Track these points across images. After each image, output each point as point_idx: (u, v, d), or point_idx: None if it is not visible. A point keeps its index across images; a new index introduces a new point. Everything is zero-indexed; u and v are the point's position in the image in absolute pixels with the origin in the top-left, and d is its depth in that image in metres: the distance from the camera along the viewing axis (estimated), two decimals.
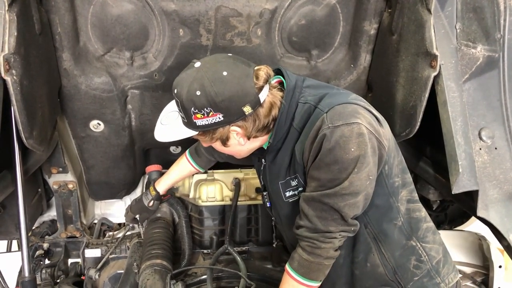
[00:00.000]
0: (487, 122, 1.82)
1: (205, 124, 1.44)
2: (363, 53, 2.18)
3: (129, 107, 2.25)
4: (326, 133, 1.36)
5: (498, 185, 1.77)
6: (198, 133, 1.50)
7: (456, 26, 1.80)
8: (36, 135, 1.75)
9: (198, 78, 1.41)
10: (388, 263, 1.59)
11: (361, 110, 1.42)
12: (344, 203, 1.40)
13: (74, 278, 2.33)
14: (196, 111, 1.41)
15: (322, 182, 1.41)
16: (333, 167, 1.37)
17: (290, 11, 2.07)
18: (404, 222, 1.58)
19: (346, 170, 1.37)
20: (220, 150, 1.61)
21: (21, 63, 1.57)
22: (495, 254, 2.50)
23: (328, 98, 1.46)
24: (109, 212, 2.70)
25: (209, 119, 1.42)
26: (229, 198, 2.23)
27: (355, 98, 1.49)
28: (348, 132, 1.35)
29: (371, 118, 1.43)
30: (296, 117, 1.50)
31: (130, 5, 1.97)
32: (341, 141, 1.34)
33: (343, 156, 1.35)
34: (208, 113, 1.41)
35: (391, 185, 1.53)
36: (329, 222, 1.43)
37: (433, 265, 1.63)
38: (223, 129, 1.47)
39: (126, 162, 2.45)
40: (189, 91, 1.40)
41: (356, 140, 1.35)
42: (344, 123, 1.36)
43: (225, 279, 2.06)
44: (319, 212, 1.43)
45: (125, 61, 2.11)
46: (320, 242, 1.46)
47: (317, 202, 1.43)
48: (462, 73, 1.79)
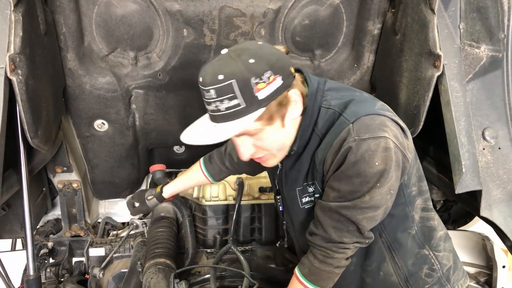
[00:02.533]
0: (491, 122, 1.81)
1: (268, 94, 1.28)
2: (367, 53, 2.18)
3: (133, 107, 2.26)
4: (352, 145, 1.30)
5: (502, 185, 1.77)
6: (259, 116, 1.30)
7: (460, 26, 1.79)
8: (41, 134, 1.76)
9: (240, 52, 1.29)
10: (401, 271, 1.57)
11: (388, 122, 1.35)
12: (362, 216, 1.36)
13: (78, 277, 2.34)
14: (257, 80, 1.25)
15: (341, 194, 1.37)
16: (355, 179, 1.33)
17: (293, 11, 2.08)
18: (418, 231, 1.54)
19: (368, 183, 1.32)
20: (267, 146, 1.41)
21: (26, 63, 1.58)
22: (498, 254, 2.50)
23: (353, 106, 1.38)
24: (113, 211, 2.72)
25: (271, 86, 1.28)
26: (232, 197, 2.24)
27: (381, 108, 1.41)
28: (374, 146, 1.30)
29: (397, 131, 1.37)
30: (319, 122, 1.43)
31: (134, 5, 1.98)
32: (366, 155, 1.29)
33: (367, 169, 1.31)
34: (268, 79, 1.27)
35: (408, 195, 1.49)
36: (344, 234, 1.40)
37: (444, 273, 1.60)
38: (284, 96, 1.33)
39: (130, 162, 2.46)
40: (243, 62, 1.26)
41: (381, 154, 1.30)
42: (371, 136, 1.30)
43: (228, 278, 2.06)
44: (335, 222, 1.40)
45: (129, 61, 2.12)
46: (333, 252, 1.43)
47: (334, 213, 1.39)
48: (466, 73, 1.79)
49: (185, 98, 2.29)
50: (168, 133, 2.42)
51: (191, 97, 2.30)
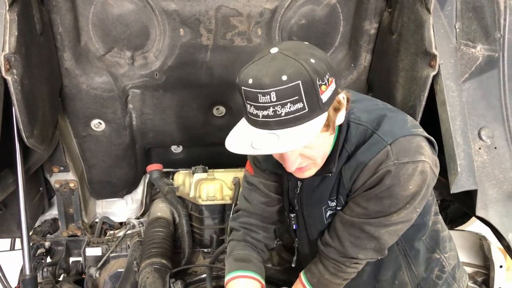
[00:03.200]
0: (487, 121, 1.82)
1: (329, 97, 1.18)
2: (363, 53, 2.18)
3: (130, 107, 2.26)
4: (391, 169, 1.25)
5: (498, 185, 1.77)
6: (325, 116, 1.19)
7: (456, 26, 1.80)
8: (37, 134, 1.76)
9: (296, 51, 1.17)
10: (416, 278, 1.57)
11: (423, 142, 1.31)
12: (385, 230, 1.35)
13: (75, 277, 2.34)
14: (321, 82, 1.14)
15: (368, 212, 1.34)
16: (386, 201, 1.30)
17: (290, 10, 2.08)
18: (427, 236, 1.55)
19: (398, 205, 1.30)
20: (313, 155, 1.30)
21: (21, 62, 1.58)
22: (496, 254, 2.49)
23: (387, 124, 1.31)
24: (110, 211, 2.71)
25: (330, 89, 1.18)
26: (229, 197, 2.23)
27: (414, 125, 1.35)
28: (412, 170, 1.26)
29: (430, 150, 1.33)
30: (350, 138, 1.34)
31: (131, 5, 1.98)
32: (402, 179, 1.26)
33: (400, 192, 1.28)
34: (328, 80, 1.17)
35: (426, 204, 1.46)
36: (360, 250, 1.39)
37: (450, 272, 1.62)
38: (336, 100, 1.23)
39: (127, 161, 2.46)
40: (306, 63, 1.13)
41: (417, 177, 1.27)
42: (410, 160, 1.26)
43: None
44: (353, 238, 1.38)
45: (126, 60, 2.12)
46: (346, 267, 1.42)
47: (356, 228, 1.36)
48: (462, 72, 1.79)
49: (182, 97, 2.29)
50: (165, 133, 2.42)
51: (188, 97, 2.30)
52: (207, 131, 2.43)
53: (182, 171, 2.49)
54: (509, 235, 1.74)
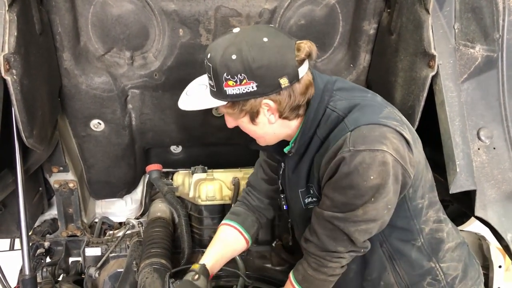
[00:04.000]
0: (486, 122, 1.82)
1: (236, 93, 1.33)
2: (363, 53, 2.18)
3: (130, 107, 2.26)
4: (345, 156, 1.27)
5: (496, 185, 1.77)
6: (226, 104, 1.38)
7: (455, 26, 1.80)
8: (37, 134, 1.76)
9: (236, 42, 1.31)
10: (402, 281, 1.55)
11: (389, 133, 1.30)
12: (355, 228, 1.34)
13: (74, 277, 2.34)
14: (229, 77, 1.30)
15: (335, 203, 1.35)
16: (349, 191, 1.30)
17: (289, 11, 2.08)
18: (425, 243, 1.51)
19: (362, 197, 1.29)
20: (245, 129, 1.48)
21: (21, 63, 1.58)
22: (495, 254, 2.50)
23: (357, 112, 1.34)
24: (110, 211, 2.72)
25: (241, 88, 1.32)
26: (228, 197, 2.24)
27: (386, 116, 1.35)
28: (369, 159, 1.25)
29: (399, 144, 1.31)
30: (321, 125, 1.40)
31: (130, 5, 1.98)
32: (360, 167, 1.25)
33: (361, 183, 1.27)
34: (241, 81, 1.30)
35: (414, 208, 1.45)
36: (338, 243, 1.39)
37: (448, 282, 1.57)
38: (255, 101, 1.35)
39: (126, 161, 2.46)
40: (224, 54, 1.30)
41: (377, 168, 1.25)
42: (367, 148, 1.26)
43: (224, 278, 2.06)
44: (328, 231, 1.38)
45: (125, 60, 2.12)
46: (327, 261, 1.42)
47: (327, 222, 1.37)
48: (461, 73, 1.79)
49: None
50: (164, 133, 2.42)
51: None
52: (207, 131, 2.43)
53: (182, 171, 2.50)
54: (508, 235, 1.73)
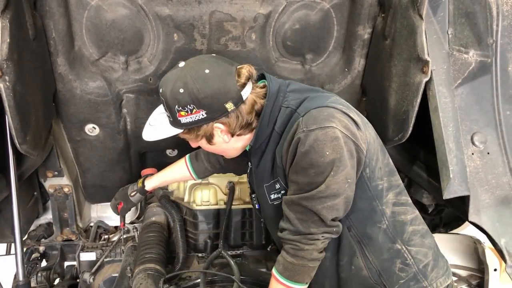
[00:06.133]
0: (480, 127, 1.82)
1: (189, 121, 1.48)
2: (357, 58, 2.18)
3: (124, 111, 2.26)
4: (300, 136, 1.38)
5: (490, 190, 1.78)
6: (183, 131, 1.54)
7: (448, 32, 1.80)
8: (30, 140, 1.76)
9: (182, 76, 1.47)
10: (373, 266, 1.59)
11: (337, 114, 1.43)
12: (321, 205, 1.41)
13: (69, 281, 2.34)
14: (180, 109, 1.46)
15: (300, 186, 1.44)
16: (310, 170, 1.39)
17: (284, 15, 2.08)
18: (389, 225, 1.57)
19: (323, 173, 1.39)
20: (207, 149, 1.65)
21: (14, 69, 1.58)
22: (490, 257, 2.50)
23: (307, 102, 1.49)
24: (105, 215, 2.72)
25: (193, 116, 1.47)
26: (223, 202, 2.24)
27: (333, 102, 1.49)
28: (322, 136, 1.37)
29: (347, 122, 1.43)
30: (278, 121, 1.53)
31: (124, 10, 1.98)
32: (315, 145, 1.36)
33: (318, 159, 1.37)
34: (191, 110, 1.45)
35: (374, 188, 1.54)
36: (309, 224, 1.45)
37: (420, 269, 1.61)
38: (207, 126, 1.51)
39: (121, 166, 2.46)
40: (173, 89, 1.46)
41: (330, 144, 1.36)
42: (318, 127, 1.38)
43: (219, 283, 2.06)
44: (299, 214, 1.46)
45: (120, 65, 2.12)
46: (302, 244, 1.47)
47: (296, 205, 1.45)
48: (455, 78, 1.80)
49: None
50: None
51: None
52: None
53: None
54: (501, 240, 1.74)
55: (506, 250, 1.73)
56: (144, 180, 2.11)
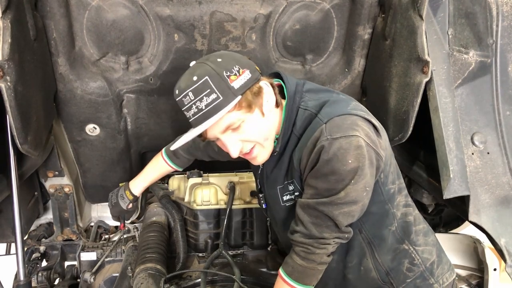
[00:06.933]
0: (480, 127, 1.83)
1: (242, 84, 1.39)
2: (357, 58, 2.19)
3: (125, 111, 2.26)
4: (324, 144, 1.36)
5: (490, 190, 1.78)
6: (240, 99, 1.38)
7: (448, 32, 1.81)
8: (31, 140, 1.76)
9: (206, 57, 1.44)
10: (382, 267, 1.61)
11: (359, 121, 1.42)
12: (338, 211, 1.41)
13: (70, 281, 2.34)
14: (229, 73, 1.37)
15: (318, 191, 1.42)
16: (330, 177, 1.38)
17: (284, 16, 2.08)
18: (398, 227, 1.60)
19: (343, 181, 1.37)
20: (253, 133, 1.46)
21: (15, 69, 1.58)
22: (490, 257, 2.51)
23: (327, 107, 1.45)
24: (106, 215, 2.71)
25: (242, 78, 1.39)
26: (224, 201, 2.23)
27: (354, 108, 1.47)
28: (346, 144, 1.35)
29: (369, 130, 1.42)
30: (297, 123, 1.50)
31: (125, 10, 1.98)
32: (339, 153, 1.35)
33: (340, 167, 1.36)
34: (238, 71, 1.39)
35: (387, 192, 1.54)
36: (323, 229, 1.45)
37: (427, 267, 1.65)
38: (257, 86, 1.44)
39: (122, 166, 2.46)
40: (212, 62, 1.39)
41: (354, 152, 1.35)
42: (342, 135, 1.36)
43: (219, 283, 2.06)
44: (314, 218, 1.45)
45: (120, 65, 2.12)
46: (314, 248, 1.47)
47: (312, 209, 1.44)
48: (455, 78, 1.80)
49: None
50: (160, 137, 2.42)
51: None
52: None
53: (177, 175, 2.49)
54: (501, 240, 1.74)
55: (506, 250, 1.73)
56: (130, 191, 2.06)
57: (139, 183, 2.08)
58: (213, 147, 1.93)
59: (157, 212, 2.30)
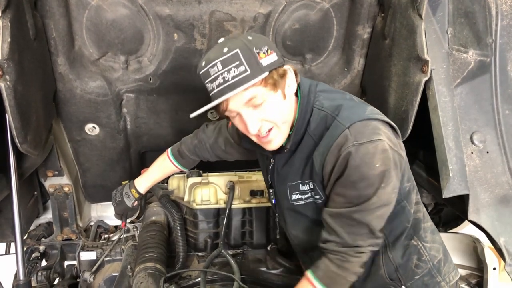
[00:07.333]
0: (479, 126, 1.83)
1: (270, 62, 1.40)
2: (357, 57, 2.19)
3: (124, 111, 2.27)
4: (351, 150, 1.36)
5: (489, 189, 1.78)
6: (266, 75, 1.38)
7: (448, 31, 1.81)
8: (31, 139, 1.76)
9: (236, 35, 1.55)
10: (392, 263, 1.62)
11: (381, 125, 1.43)
12: (372, 216, 1.41)
13: (70, 281, 2.34)
14: (258, 51, 1.38)
15: (349, 199, 1.42)
16: (360, 184, 1.38)
17: (284, 15, 2.08)
18: (411, 223, 1.61)
19: (373, 185, 1.38)
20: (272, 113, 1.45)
21: (14, 68, 1.58)
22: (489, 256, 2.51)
23: (346, 111, 1.45)
24: (105, 214, 2.72)
25: (270, 58, 1.40)
26: (223, 201, 2.23)
27: (371, 112, 1.48)
28: (372, 149, 1.36)
29: (390, 133, 1.44)
30: (312, 123, 1.50)
31: (125, 10, 1.98)
32: (366, 158, 1.35)
33: (369, 172, 1.36)
34: (267, 51, 1.40)
35: (404, 190, 1.55)
36: (357, 237, 1.45)
37: (434, 264, 1.65)
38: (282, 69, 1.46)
39: (121, 165, 2.46)
40: (243, 38, 1.41)
41: (380, 156, 1.36)
42: (368, 140, 1.36)
43: (219, 282, 2.06)
44: (348, 227, 1.44)
45: (120, 65, 2.12)
46: (349, 256, 1.46)
47: (345, 218, 1.44)
48: (454, 77, 1.80)
49: (176, 102, 2.29)
50: (159, 137, 2.43)
51: (183, 101, 2.30)
52: None
53: (177, 175, 2.49)
54: (500, 239, 1.75)
55: (505, 249, 1.74)
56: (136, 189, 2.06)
57: (144, 182, 2.08)
58: (220, 146, 1.94)
59: (156, 211, 2.30)
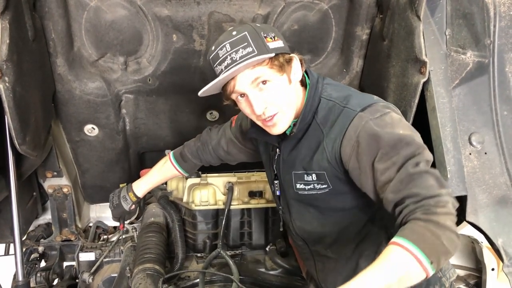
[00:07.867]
0: (477, 127, 1.83)
1: (276, 47, 1.46)
2: (356, 58, 2.20)
3: (124, 112, 2.27)
4: (370, 122, 1.39)
5: (488, 190, 1.78)
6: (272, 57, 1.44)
7: (446, 32, 1.81)
8: (29, 140, 1.77)
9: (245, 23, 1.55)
10: None
11: (390, 105, 1.51)
12: (425, 162, 1.33)
13: (69, 281, 2.34)
14: (266, 35, 1.45)
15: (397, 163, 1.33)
16: (399, 144, 1.35)
17: (282, 16, 2.09)
18: None
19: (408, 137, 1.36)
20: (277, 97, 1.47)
21: (13, 70, 1.58)
22: (487, 257, 2.52)
23: (355, 99, 1.49)
24: (104, 215, 2.72)
25: (276, 43, 1.46)
26: (222, 202, 2.24)
27: (379, 99, 1.53)
28: (389, 118, 1.41)
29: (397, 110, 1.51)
30: (319, 112, 1.52)
31: (123, 11, 1.99)
32: (389, 126, 1.39)
33: (396, 130, 1.37)
34: (274, 37, 1.46)
35: None
36: (429, 188, 1.30)
37: None
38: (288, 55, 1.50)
39: (120, 166, 2.46)
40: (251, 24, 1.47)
41: (397, 119, 1.43)
42: (382, 113, 1.42)
43: (217, 283, 2.07)
44: (414, 186, 1.30)
45: (119, 66, 2.12)
46: (432, 207, 1.26)
47: (406, 181, 1.32)
48: (452, 78, 1.81)
49: (175, 102, 2.30)
50: (158, 137, 2.43)
51: (182, 102, 2.31)
52: None
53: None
54: (499, 240, 1.75)
55: (504, 250, 1.74)
56: (133, 192, 2.03)
57: (143, 185, 2.06)
58: (223, 147, 1.94)
59: (155, 212, 2.30)
